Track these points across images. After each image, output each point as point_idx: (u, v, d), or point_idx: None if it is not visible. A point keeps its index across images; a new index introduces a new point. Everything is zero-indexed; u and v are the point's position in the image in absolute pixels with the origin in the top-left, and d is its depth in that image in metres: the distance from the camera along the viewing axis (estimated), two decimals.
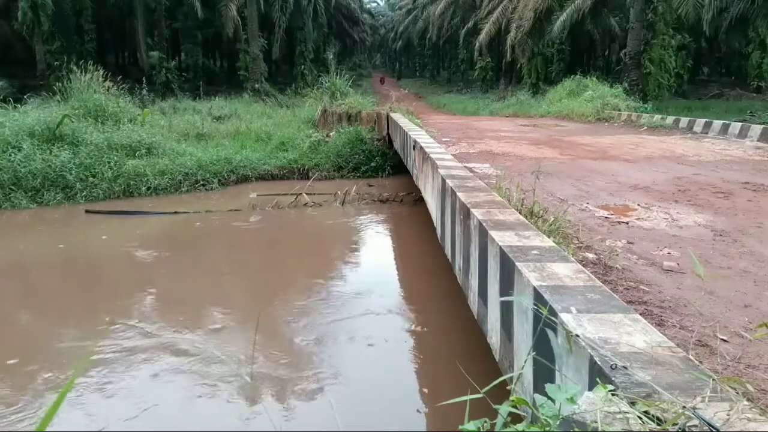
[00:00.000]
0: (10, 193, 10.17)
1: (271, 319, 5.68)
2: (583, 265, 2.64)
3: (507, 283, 2.65)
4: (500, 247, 2.78)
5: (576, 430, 1.20)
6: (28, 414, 3.98)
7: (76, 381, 4.25)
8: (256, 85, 26.16)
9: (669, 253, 3.71)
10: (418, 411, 4.15)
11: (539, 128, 14.21)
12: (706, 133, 12.33)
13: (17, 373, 4.51)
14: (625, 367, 1.50)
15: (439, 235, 5.44)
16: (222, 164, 12.52)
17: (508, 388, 1.54)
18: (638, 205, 5.23)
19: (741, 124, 11.88)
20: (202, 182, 12.00)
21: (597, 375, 1.55)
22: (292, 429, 3.90)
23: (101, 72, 13.66)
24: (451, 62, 51.84)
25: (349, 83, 17.28)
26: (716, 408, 1.28)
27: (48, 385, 4.34)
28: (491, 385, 1.40)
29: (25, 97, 15.18)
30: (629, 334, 1.76)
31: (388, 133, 13.24)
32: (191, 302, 6.27)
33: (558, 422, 1.23)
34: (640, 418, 1.23)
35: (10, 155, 10.52)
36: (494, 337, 2.99)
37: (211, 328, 5.47)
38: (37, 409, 4.03)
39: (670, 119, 14.10)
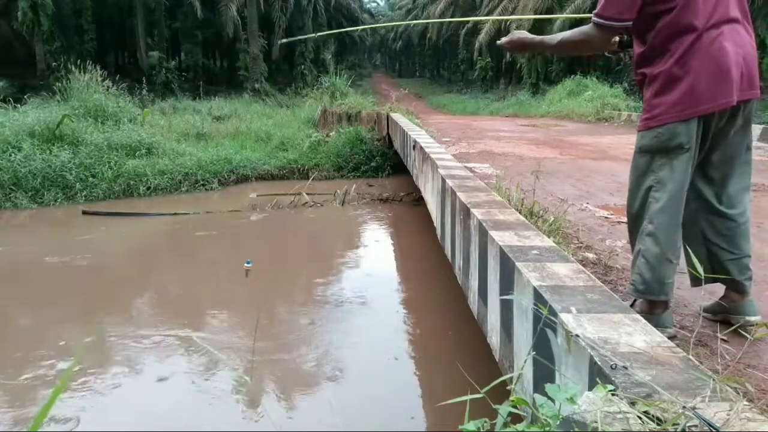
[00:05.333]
0: (10, 193, 10.17)
1: (271, 318, 5.68)
2: (583, 265, 2.64)
3: (507, 283, 2.65)
4: (500, 247, 2.78)
5: (576, 430, 1.20)
6: (25, 413, 3.98)
7: (71, 381, 4.24)
8: (256, 85, 26.16)
9: None
10: (418, 411, 4.15)
11: (539, 128, 14.20)
12: None
13: (14, 373, 4.50)
14: (625, 367, 1.49)
15: (439, 235, 5.43)
16: (222, 164, 12.51)
17: (508, 388, 1.53)
18: None
19: None
20: (201, 182, 11.99)
21: (597, 375, 1.54)
22: (292, 429, 3.90)
23: (101, 72, 13.66)
24: (451, 62, 51.81)
25: (349, 83, 17.29)
26: (716, 408, 1.27)
27: (44, 385, 4.33)
28: (491, 385, 1.39)
29: (25, 97, 15.17)
30: (629, 334, 1.75)
31: (388, 133, 13.23)
32: (190, 302, 6.27)
33: (558, 422, 1.23)
34: (640, 418, 1.22)
35: (10, 155, 10.51)
36: (494, 337, 2.99)
37: (209, 328, 5.47)
38: (32, 408, 4.02)
39: None
